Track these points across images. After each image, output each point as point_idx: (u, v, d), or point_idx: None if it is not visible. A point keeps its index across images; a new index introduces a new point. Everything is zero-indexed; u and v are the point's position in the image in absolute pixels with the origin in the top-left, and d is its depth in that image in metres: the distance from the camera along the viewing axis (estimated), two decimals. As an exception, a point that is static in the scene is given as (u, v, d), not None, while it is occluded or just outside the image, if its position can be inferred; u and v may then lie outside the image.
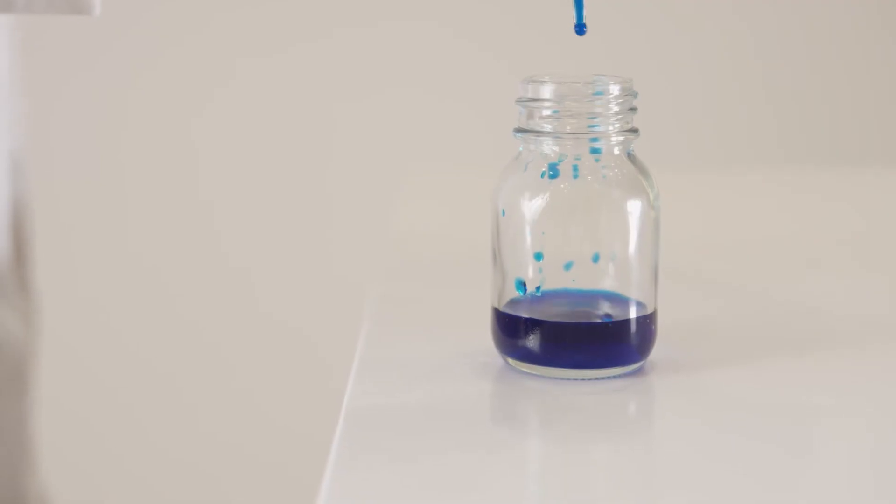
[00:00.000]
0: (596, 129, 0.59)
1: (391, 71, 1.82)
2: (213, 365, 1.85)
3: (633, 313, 0.59)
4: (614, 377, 0.58)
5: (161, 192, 1.82)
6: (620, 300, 0.59)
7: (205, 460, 1.85)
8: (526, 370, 0.59)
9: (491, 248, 0.61)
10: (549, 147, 0.59)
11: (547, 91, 0.59)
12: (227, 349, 1.85)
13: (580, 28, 0.62)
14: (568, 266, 0.60)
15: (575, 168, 0.59)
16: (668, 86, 1.74)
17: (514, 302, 0.60)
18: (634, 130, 0.60)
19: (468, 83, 1.79)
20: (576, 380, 0.58)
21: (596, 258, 0.60)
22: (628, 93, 0.59)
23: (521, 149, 0.60)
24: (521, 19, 1.75)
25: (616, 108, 0.59)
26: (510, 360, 0.60)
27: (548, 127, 0.59)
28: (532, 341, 0.59)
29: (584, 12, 0.61)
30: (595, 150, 0.59)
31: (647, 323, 0.59)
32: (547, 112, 0.59)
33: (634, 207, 0.59)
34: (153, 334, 1.83)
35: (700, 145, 1.78)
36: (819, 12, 1.80)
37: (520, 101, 0.60)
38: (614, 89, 0.59)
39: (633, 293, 0.59)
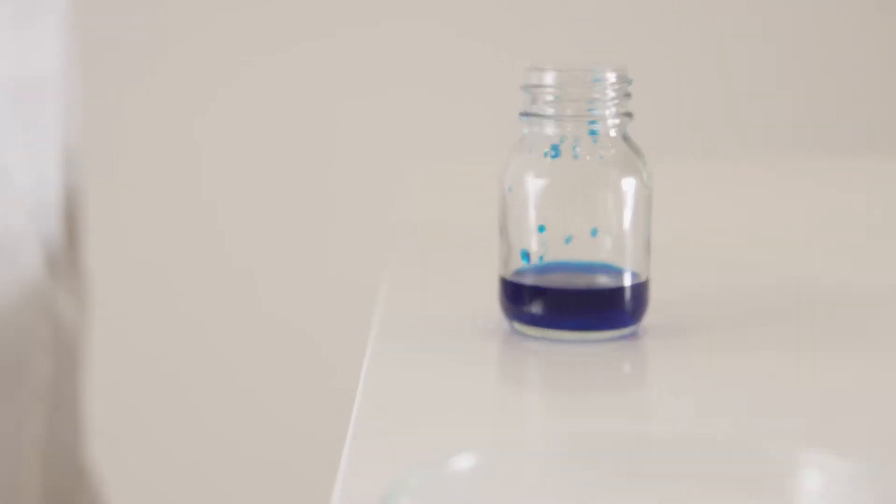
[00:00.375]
0: (594, 112, 0.64)
1: (395, 69, 1.82)
2: (220, 361, 1.86)
3: (627, 282, 0.65)
4: (610, 339, 0.64)
5: (166, 190, 1.82)
6: (616, 270, 0.65)
7: (224, 450, 1.87)
8: (530, 333, 0.64)
9: (498, 223, 0.66)
10: (552, 129, 0.65)
11: (550, 78, 0.64)
12: (233, 346, 1.85)
13: None
14: (568, 240, 0.65)
15: (575, 149, 0.65)
16: (661, 73, 1.78)
17: (519, 272, 0.65)
18: (629, 114, 0.65)
19: (472, 81, 1.80)
20: (575, 341, 0.64)
21: (594, 232, 0.65)
22: (623, 80, 0.65)
23: (525, 131, 0.65)
24: (524, 19, 1.78)
25: (612, 94, 0.64)
26: (516, 325, 0.65)
27: (550, 111, 0.64)
28: (536, 307, 0.64)
29: None
30: (593, 132, 0.64)
31: (640, 290, 0.65)
32: (549, 97, 0.64)
33: (629, 185, 0.65)
34: (160, 331, 1.84)
35: (692, 129, 1.81)
36: None
37: (525, 87, 0.65)
38: (611, 77, 0.64)
39: (628, 264, 0.65)
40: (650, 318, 0.65)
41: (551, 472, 0.42)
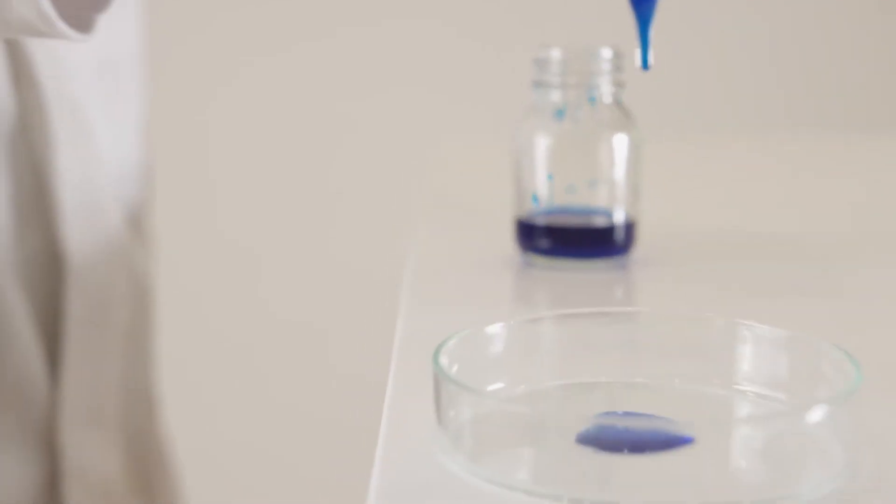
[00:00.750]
0: (592, 82, 0.78)
1: (395, 69, 1.86)
2: (227, 358, 1.89)
3: (619, 221, 0.79)
4: (605, 268, 0.78)
5: (167, 189, 1.84)
6: (610, 212, 0.79)
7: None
8: (539, 263, 0.78)
9: (513, 173, 0.80)
10: (557, 96, 0.79)
11: (557, 53, 0.78)
12: (238, 343, 1.89)
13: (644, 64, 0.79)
14: (570, 188, 0.79)
15: (576, 112, 0.79)
16: (659, 64, 1.84)
17: (530, 213, 0.79)
18: (621, 84, 0.79)
19: (472, 80, 1.84)
20: (577, 269, 0.78)
21: (592, 182, 0.79)
22: (617, 56, 0.79)
23: (536, 97, 0.79)
24: (523, 18, 1.85)
25: (608, 67, 0.78)
26: (527, 256, 0.79)
27: (556, 81, 0.79)
28: (544, 241, 0.78)
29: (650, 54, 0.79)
30: (591, 99, 0.79)
31: (629, 229, 0.79)
32: (556, 69, 0.78)
33: (622, 142, 0.79)
34: (173, 321, 1.86)
35: (677, 96, 1.85)
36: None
37: (536, 61, 0.79)
38: (607, 53, 0.78)
39: (620, 207, 0.79)
40: (638, 251, 0.80)
41: (551, 335, 0.56)
